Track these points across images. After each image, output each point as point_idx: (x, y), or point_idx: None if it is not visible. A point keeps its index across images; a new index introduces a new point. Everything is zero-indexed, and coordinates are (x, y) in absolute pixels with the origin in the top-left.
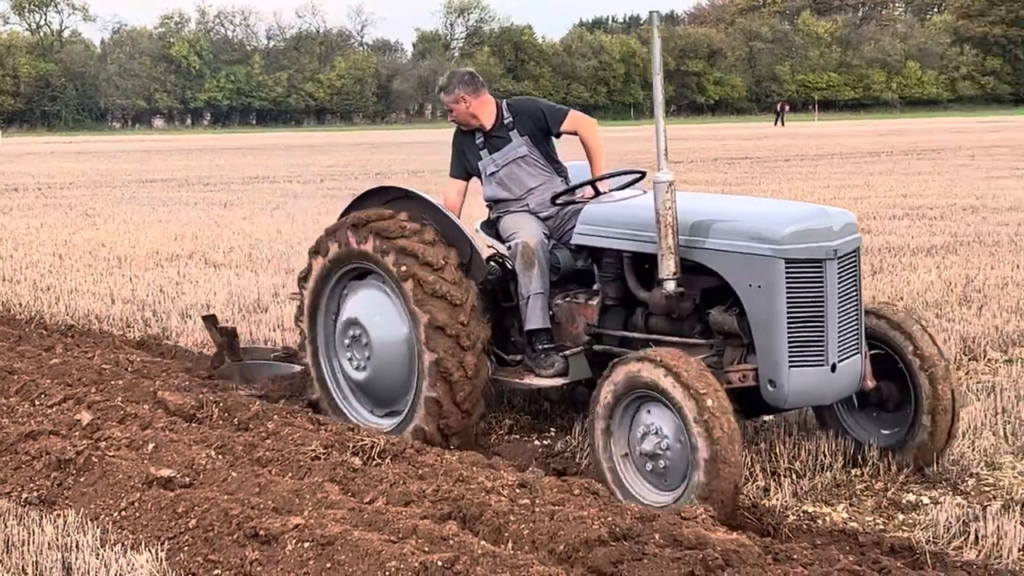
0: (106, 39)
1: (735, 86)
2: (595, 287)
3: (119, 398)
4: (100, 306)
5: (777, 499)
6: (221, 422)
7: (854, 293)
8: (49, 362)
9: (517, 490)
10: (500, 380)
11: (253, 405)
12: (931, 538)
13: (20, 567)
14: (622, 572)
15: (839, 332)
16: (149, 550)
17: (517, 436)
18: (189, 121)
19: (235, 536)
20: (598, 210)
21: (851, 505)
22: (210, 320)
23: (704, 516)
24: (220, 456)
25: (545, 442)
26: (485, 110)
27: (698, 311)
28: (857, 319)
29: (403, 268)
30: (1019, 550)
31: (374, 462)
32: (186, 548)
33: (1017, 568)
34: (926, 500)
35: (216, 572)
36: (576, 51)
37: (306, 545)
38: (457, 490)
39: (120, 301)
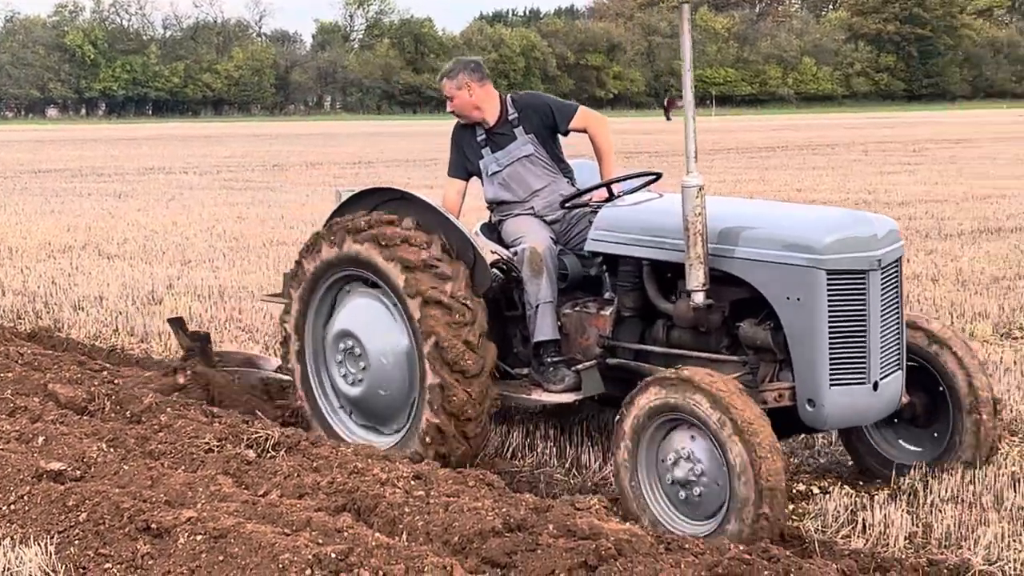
0: None
1: (634, 80)
2: (607, 296)
3: (8, 391)
4: None
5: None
6: (113, 415)
7: (896, 306)
8: None
9: (412, 482)
10: (505, 395)
11: (146, 398)
12: (820, 527)
13: None
14: (516, 563)
15: (881, 348)
16: (38, 544)
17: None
18: (84, 111)
19: (126, 530)
20: (615, 214)
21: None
22: (177, 323)
23: (598, 506)
24: (112, 449)
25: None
26: (490, 102)
27: (726, 324)
28: (899, 333)
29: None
30: (905, 538)
31: (268, 454)
32: (76, 542)
33: (903, 556)
34: (816, 490)
35: (107, 566)
36: (476, 44)
37: (198, 538)
38: (352, 482)
39: (11, 293)
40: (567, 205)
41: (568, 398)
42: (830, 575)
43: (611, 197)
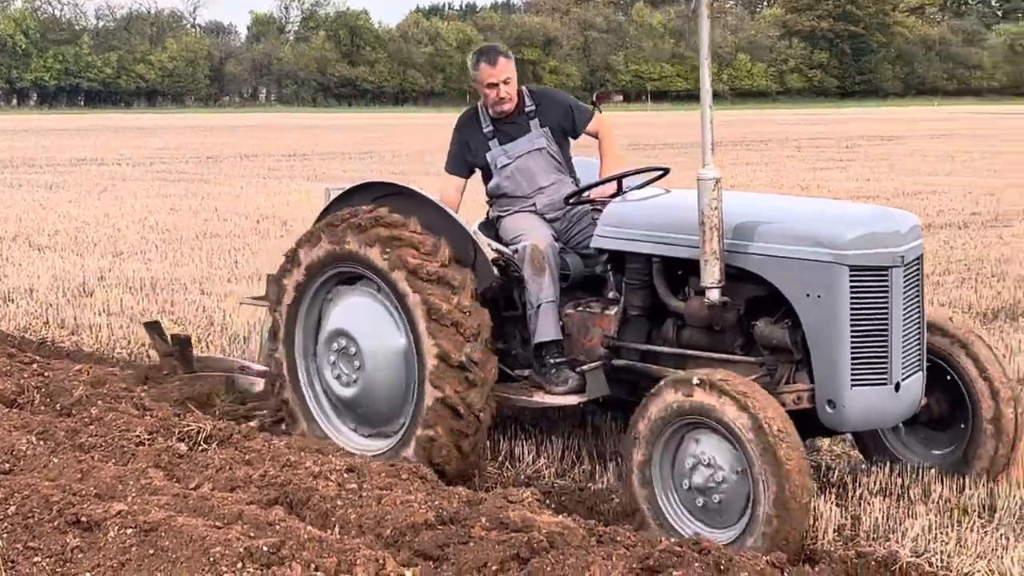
0: None
1: (570, 75)
2: (611, 295)
3: None
4: None
5: (603, 482)
6: (43, 407)
7: (918, 304)
8: None
9: (345, 475)
10: (505, 398)
11: (76, 390)
12: None
13: None
14: (448, 555)
15: (903, 347)
16: None
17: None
18: (15, 101)
19: (56, 523)
20: (623, 210)
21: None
22: (154, 327)
23: (530, 499)
24: (41, 442)
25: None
26: (512, 84)
27: (741, 323)
28: (920, 332)
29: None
30: (834, 531)
31: (200, 447)
32: (5, 535)
33: (832, 548)
34: None
35: (36, 559)
36: (412, 37)
37: (129, 531)
38: (284, 475)
39: None
40: (571, 201)
41: (572, 400)
42: (760, 567)
43: (618, 192)
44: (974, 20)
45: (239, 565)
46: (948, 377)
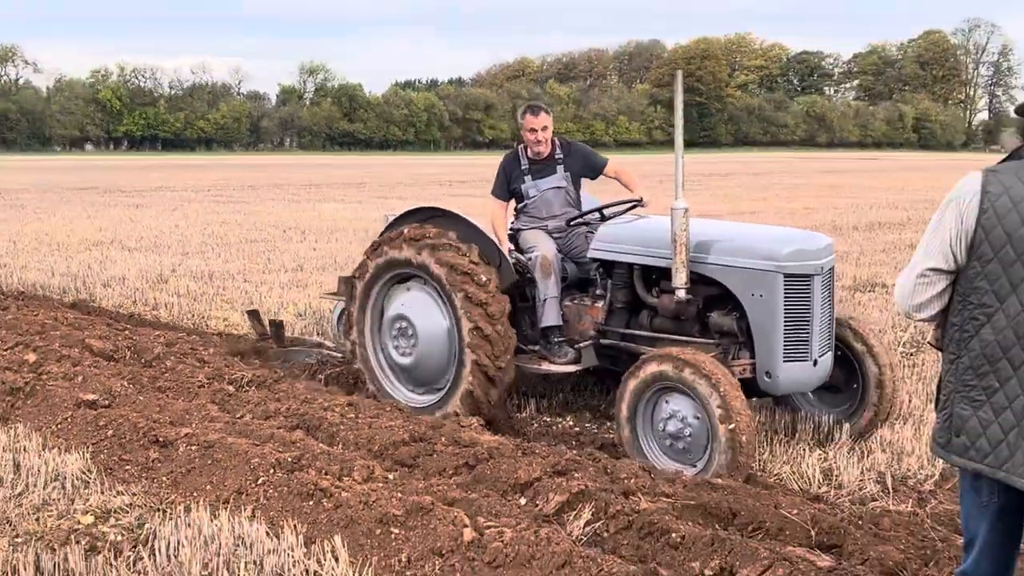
0: (50, 86)
1: (503, 130)
2: (598, 292)
3: (56, 344)
4: (43, 278)
5: (526, 412)
6: (132, 361)
7: (830, 302)
8: (5, 318)
9: (346, 408)
10: (520, 367)
11: (156, 348)
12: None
13: None
14: (418, 463)
15: (819, 334)
16: (78, 452)
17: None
18: (112, 146)
19: (141, 442)
20: (613, 230)
21: (576, 416)
22: (254, 314)
23: (476, 425)
24: (131, 385)
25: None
26: (549, 133)
27: (699, 314)
28: (831, 323)
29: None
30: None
31: (243, 389)
32: (105, 451)
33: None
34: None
35: (127, 467)
36: (392, 103)
37: (193, 448)
38: (303, 409)
39: (58, 275)
40: (571, 224)
41: (571, 369)
42: (634, 470)
43: (604, 219)
44: (781, 93)
45: (271, 471)
46: (839, 353)
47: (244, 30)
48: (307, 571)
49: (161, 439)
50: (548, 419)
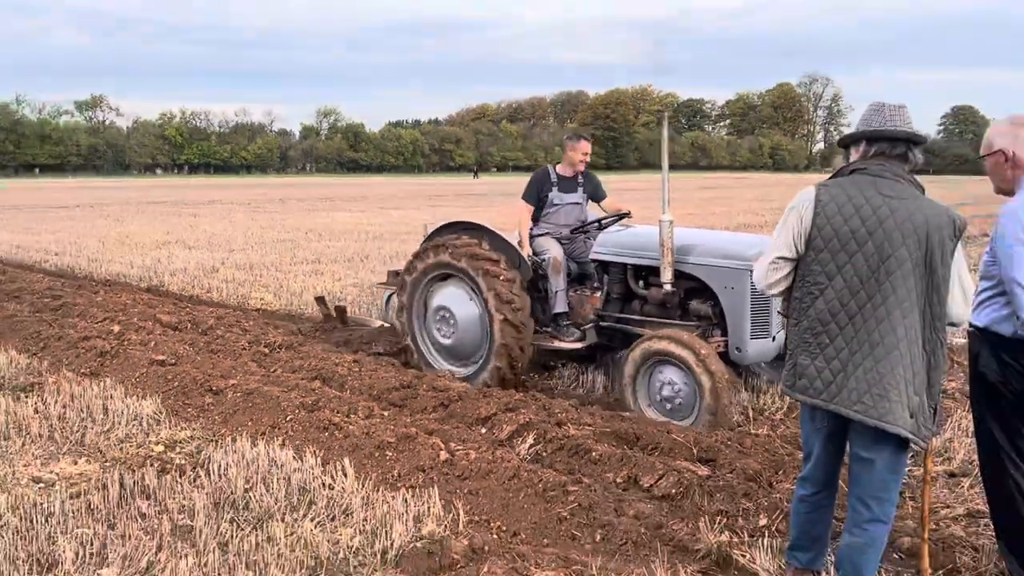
0: (129, 125)
1: (469, 158)
2: (595, 285)
3: (135, 318)
4: (125, 269)
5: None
6: (192, 330)
7: None
8: (96, 299)
9: (352, 364)
10: (537, 344)
11: (209, 321)
12: (563, 381)
13: (80, 408)
14: (406, 404)
15: (776, 315)
16: (151, 399)
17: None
18: (176, 171)
19: (199, 391)
20: (610, 237)
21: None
22: (321, 300)
23: (449, 377)
24: (191, 348)
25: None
26: (586, 159)
27: (681, 303)
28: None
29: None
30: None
31: (276, 350)
32: (172, 397)
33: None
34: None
35: (189, 410)
36: (387, 137)
37: (238, 395)
38: (320, 364)
39: (136, 267)
40: (574, 232)
41: (577, 346)
42: (571, 405)
43: (601, 228)
44: (674, 131)
45: (296, 411)
46: None
47: (274, 84)
48: (323, 484)
49: (214, 388)
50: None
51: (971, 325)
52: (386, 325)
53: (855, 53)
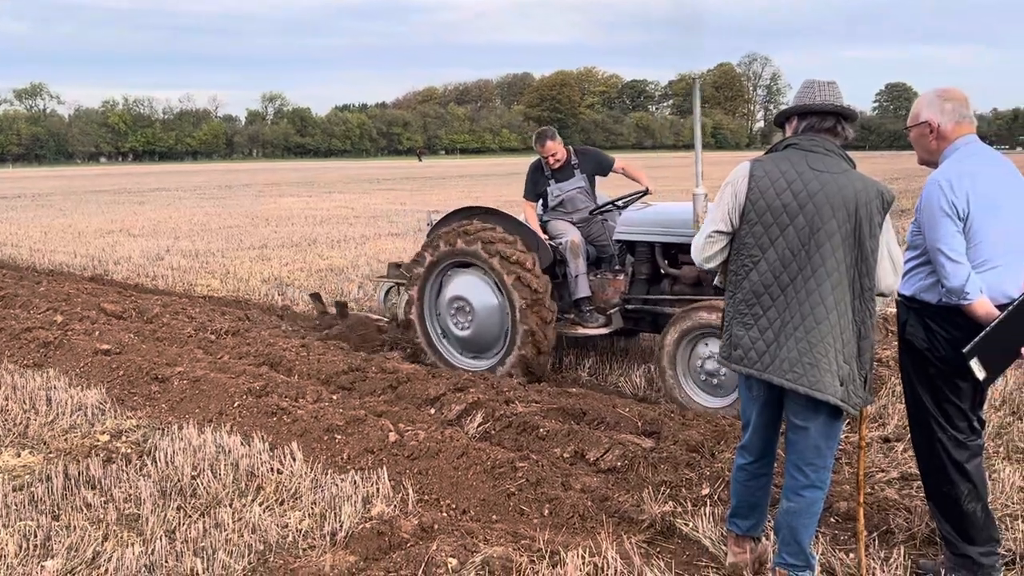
0: (71, 113)
1: (417, 140)
2: (617, 267)
3: (79, 307)
4: (68, 259)
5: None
6: (137, 319)
7: None
8: (39, 289)
9: (300, 348)
10: (560, 332)
11: (155, 309)
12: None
13: (23, 399)
14: (355, 387)
15: None
16: (96, 388)
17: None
18: (120, 159)
19: (145, 379)
20: (635, 216)
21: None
22: (316, 297)
23: (398, 358)
24: (136, 337)
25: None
26: (560, 151)
27: (711, 280)
28: None
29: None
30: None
31: (222, 337)
32: (117, 386)
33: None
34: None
35: (135, 398)
36: (333, 121)
37: (185, 382)
38: (267, 350)
39: (79, 256)
40: (592, 213)
41: (603, 331)
42: (514, 387)
43: (619, 209)
44: (618, 111)
45: (244, 397)
46: None
47: (219, 69)
48: (272, 469)
49: (160, 376)
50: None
51: (898, 294)
52: (375, 318)
53: (793, 33)
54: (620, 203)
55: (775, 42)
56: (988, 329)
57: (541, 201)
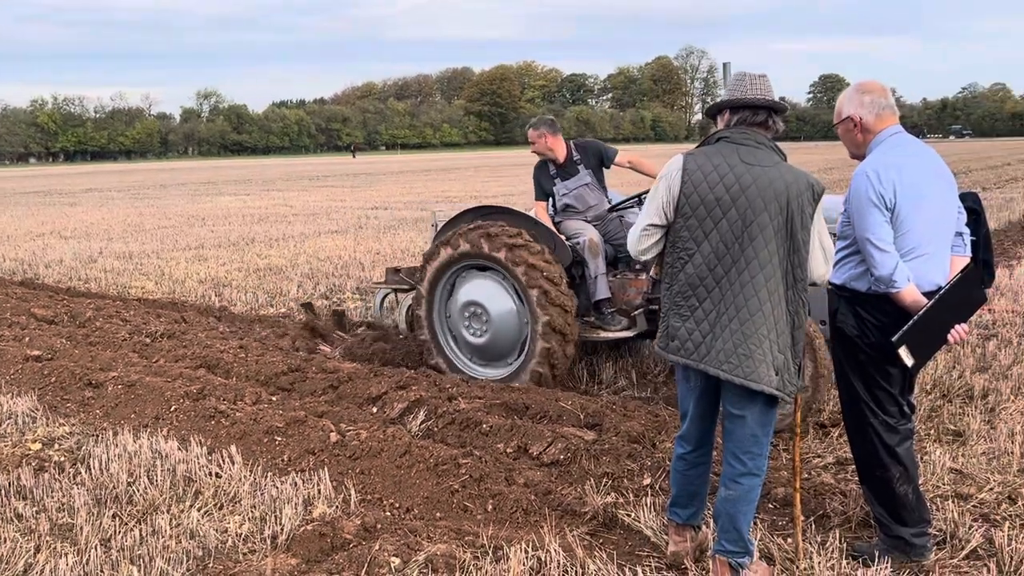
0: None
1: (357, 136)
2: (636, 266)
3: (8, 313)
4: None
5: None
6: (69, 323)
7: None
8: None
9: (238, 350)
10: (582, 334)
11: (88, 313)
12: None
13: None
14: (295, 388)
15: None
16: (27, 396)
17: None
18: (50, 159)
19: (78, 385)
20: None
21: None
22: (307, 307)
23: (339, 358)
24: (68, 342)
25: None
26: (559, 147)
27: None
28: None
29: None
30: None
31: (158, 340)
32: (49, 393)
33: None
34: None
35: (68, 405)
36: (271, 118)
37: (120, 387)
38: (205, 352)
39: (8, 259)
40: (611, 210)
41: (627, 334)
42: (457, 383)
43: (641, 204)
44: (558, 104)
45: (181, 400)
46: None
47: (151, 66)
48: (210, 473)
49: (94, 382)
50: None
51: (830, 283)
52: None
53: (728, 25)
54: (641, 199)
55: (711, 34)
56: (916, 317)
57: (550, 201)
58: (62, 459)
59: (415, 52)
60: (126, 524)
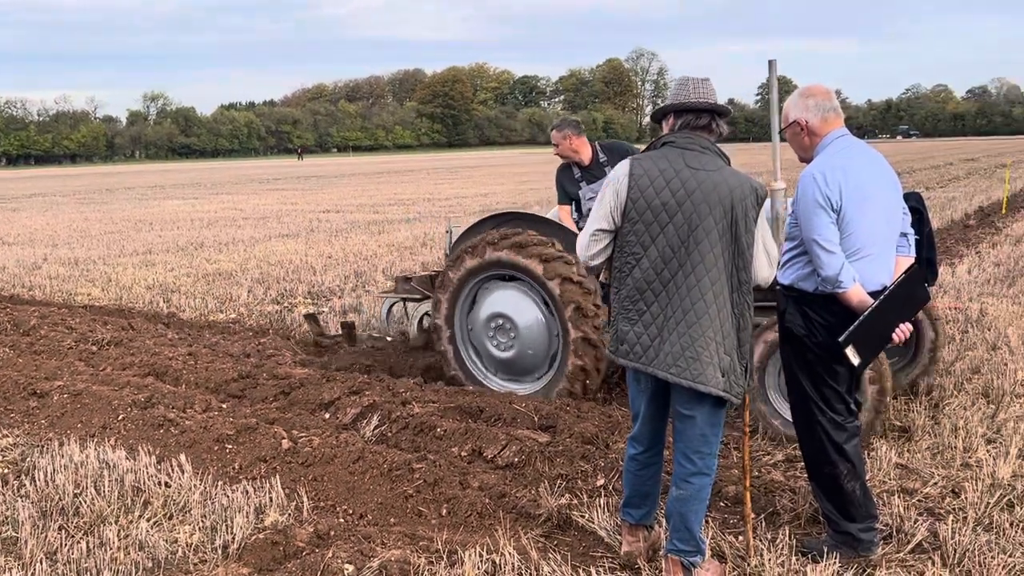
0: None
1: (308, 139)
2: None
3: None
4: None
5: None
6: (12, 331)
7: None
8: None
9: (187, 357)
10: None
11: (32, 321)
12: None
13: None
14: (246, 395)
15: None
16: None
17: None
18: None
19: (22, 394)
20: None
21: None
22: (311, 318)
23: (291, 362)
24: (12, 351)
25: None
26: (584, 149)
27: None
28: None
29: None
30: None
31: (105, 348)
32: None
33: None
34: None
35: (12, 415)
36: (220, 121)
37: (65, 396)
38: (153, 360)
39: None
40: None
41: None
42: (411, 388)
43: None
44: (511, 106)
45: (129, 409)
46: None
47: (96, 68)
48: (159, 483)
49: (38, 391)
50: None
51: (777, 283)
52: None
53: (676, 27)
54: None
55: (659, 37)
56: (862, 317)
57: (574, 205)
58: (6, 471)
59: (366, 54)
60: (72, 537)
